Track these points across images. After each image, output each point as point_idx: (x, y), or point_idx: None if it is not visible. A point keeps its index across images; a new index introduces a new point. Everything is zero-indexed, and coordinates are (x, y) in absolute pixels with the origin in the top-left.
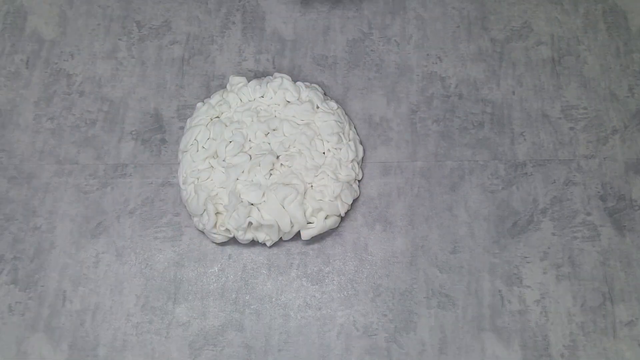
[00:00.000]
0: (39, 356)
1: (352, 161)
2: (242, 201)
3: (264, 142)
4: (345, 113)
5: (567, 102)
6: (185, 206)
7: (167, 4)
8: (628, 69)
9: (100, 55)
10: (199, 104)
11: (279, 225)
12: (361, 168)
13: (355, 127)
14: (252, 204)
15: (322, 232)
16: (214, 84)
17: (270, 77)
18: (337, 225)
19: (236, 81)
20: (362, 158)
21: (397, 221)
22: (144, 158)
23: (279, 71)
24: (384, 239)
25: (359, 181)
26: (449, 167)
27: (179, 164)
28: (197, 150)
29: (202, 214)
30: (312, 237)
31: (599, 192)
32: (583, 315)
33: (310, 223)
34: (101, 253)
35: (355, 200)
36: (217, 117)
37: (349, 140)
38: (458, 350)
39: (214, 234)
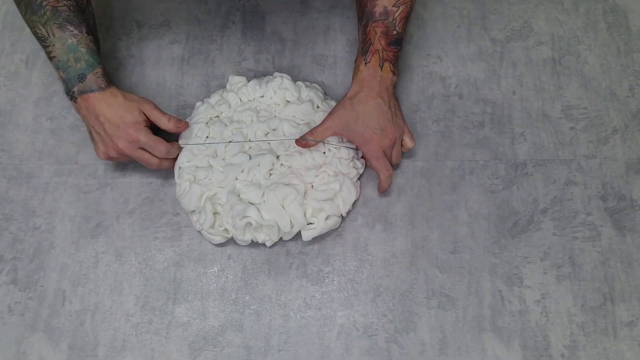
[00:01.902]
0: (39, 356)
1: (352, 159)
2: (241, 200)
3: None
4: None
5: (568, 102)
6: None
7: (166, 3)
8: (629, 68)
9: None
10: (198, 103)
11: (278, 226)
12: (363, 164)
13: None
14: (251, 204)
15: (323, 232)
16: (213, 84)
17: (270, 76)
18: (338, 225)
19: (236, 80)
20: (362, 155)
21: (397, 221)
22: None
23: (279, 71)
24: (384, 239)
25: (359, 180)
26: (449, 167)
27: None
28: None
29: (194, 211)
30: (313, 237)
31: (599, 192)
32: (583, 316)
33: (310, 224)
34: (101, 253)
35: (355, 201)
36: (217, 116)
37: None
38: (458, 351)
39: (212, 234)
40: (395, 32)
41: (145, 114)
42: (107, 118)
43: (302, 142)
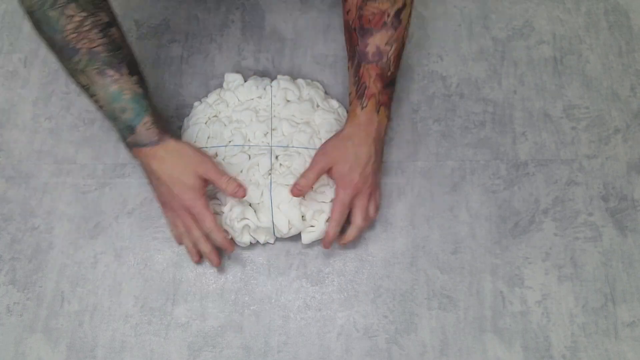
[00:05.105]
0: (37, 357)
1: None
2: (240, 201)
3: (262, 141)
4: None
5: (569, 102)
6: None
7: (165, 2)
8: (630, 68)
9: None
10: (196, 103)
11: (275, 227)
12: None
13: None
14: (250, 205)
15: (323, 236)
16: (213, 83)
17: (268, 79)
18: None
19: (232, 78)
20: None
21: (397, 221)
22: None
23: (279, 70)
24: (384, 239)
25: None
26: (450, 167)
27: None
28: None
29: None
30: (312, 241)
31: (601, 192)
32: (585, 316)
33: (311, 226)
34: (99, 253)
35: None
36: (215, 115)
37: None
38: (459, 352)
39: None
40: (389, 74)
41: (202, 176)
42: (161, 177)
43: (297, 190)
